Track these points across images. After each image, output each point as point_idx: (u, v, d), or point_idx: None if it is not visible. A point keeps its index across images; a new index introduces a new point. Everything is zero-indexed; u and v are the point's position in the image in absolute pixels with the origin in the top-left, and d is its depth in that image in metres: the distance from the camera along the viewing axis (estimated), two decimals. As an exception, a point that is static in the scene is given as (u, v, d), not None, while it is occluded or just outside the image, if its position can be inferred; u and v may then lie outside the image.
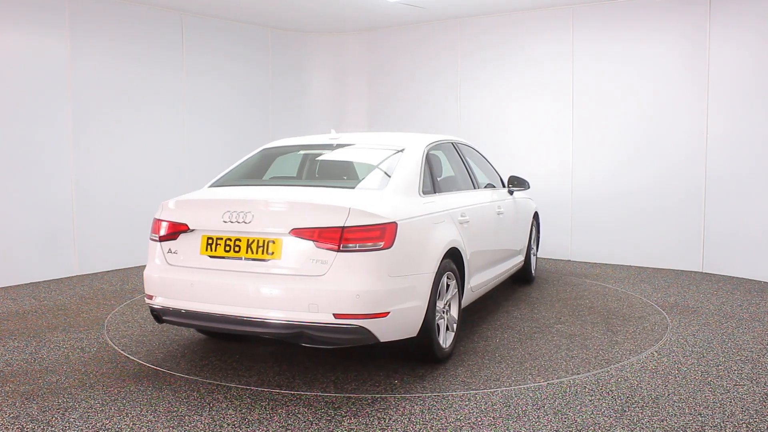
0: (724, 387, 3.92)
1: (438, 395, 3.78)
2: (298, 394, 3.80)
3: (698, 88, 7.42)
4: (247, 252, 3.86)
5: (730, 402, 3.68)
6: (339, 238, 3.68)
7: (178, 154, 8.42)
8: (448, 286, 4.44)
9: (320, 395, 3.78)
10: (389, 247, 3.75)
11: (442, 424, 3.40)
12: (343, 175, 4.86)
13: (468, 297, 4.92)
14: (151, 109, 8.10)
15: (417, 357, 4.30)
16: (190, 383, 3.99)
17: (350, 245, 3.68)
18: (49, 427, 3.36)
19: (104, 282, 7.05)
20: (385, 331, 3.80)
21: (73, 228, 7.37)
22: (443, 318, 4.36)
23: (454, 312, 4.55)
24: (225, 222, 3.90)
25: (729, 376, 4.12)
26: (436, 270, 4.13)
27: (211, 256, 3.96)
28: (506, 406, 3.64)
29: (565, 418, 3.47)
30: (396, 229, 3.80)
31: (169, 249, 4.12)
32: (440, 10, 8.51)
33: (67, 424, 3.39)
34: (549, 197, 8.28)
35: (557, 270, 7.73)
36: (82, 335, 5.06)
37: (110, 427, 3.36)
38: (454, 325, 4.52)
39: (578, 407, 3.61)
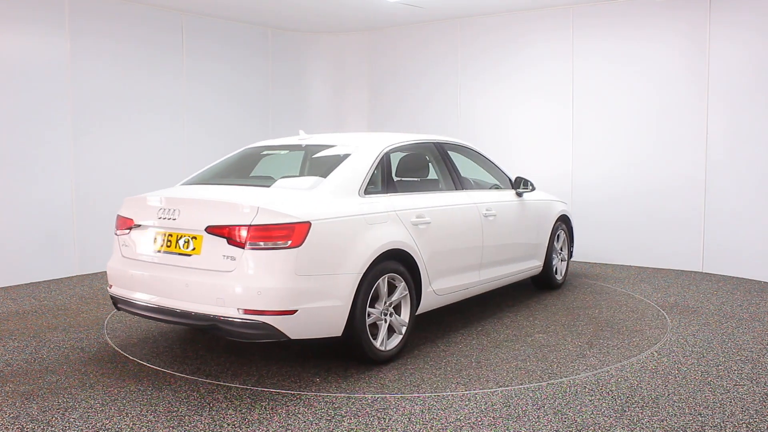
0: (724, 387, 3.92)
1: (438, 395, 3.79)
2: (298, 394, 3.80)
3: (698, 88, 7.42)
4: (176, 247, 4.10)
5: (730, 402, 3.69)
6: (246, 235, 3.80)
7: (177, 153, 8.41)
8: (394, 287, 4.40)
9: (320, 395, 3.79)
10: (298, 246, 3.80)
11: (442, 424, 3.40)
12: (288, 174, 4.92)
13: (433, 300, 4.81)
14: (151, 108, 8.09)
15: (349, 357, 4.32)
16: (190, 383, 3.99)
17: (258, 243, 3.79)
18: (49, 427, 3.36)
19: (104, 282, 7.04)
20: (295, 329, 3.85)
21: (73, 228, 7.38)
22: (383, 320, 4.31)
23: (405, 315, 4.48)
24: (161, 218, 4.18)
25: (729, 376, 4.12)
26: (363, 271, 4.10)
27: (152, 251, 4.23)
28: (506, 406, 3.64)
29: (565, 418, 3.47)
30: (308, 229, 3.84)
31: (124, 242, 4.42)
32: (440, 10, 8.51)
33: (67, 424, 3.39)
34: (549, 197, 8.29)
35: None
36: (82, 335, 5.06)
37: (110, 427, 3.36)
38: (403, 328, 4.44)
39: (578, 407, 3.61)
